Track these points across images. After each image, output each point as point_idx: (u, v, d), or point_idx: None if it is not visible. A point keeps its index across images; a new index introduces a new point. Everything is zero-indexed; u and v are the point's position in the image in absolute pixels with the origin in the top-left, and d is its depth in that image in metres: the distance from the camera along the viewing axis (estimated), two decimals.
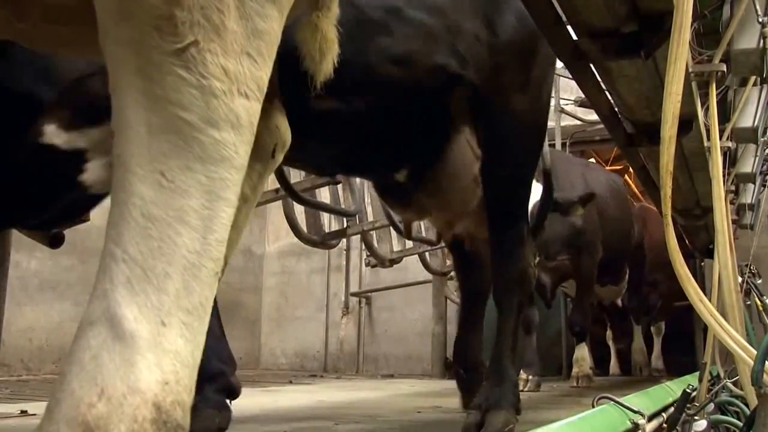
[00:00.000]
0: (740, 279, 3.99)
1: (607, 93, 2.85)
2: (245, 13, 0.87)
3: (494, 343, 2.83)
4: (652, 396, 3.48)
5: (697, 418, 2.76)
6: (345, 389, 5.60)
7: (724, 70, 2.52)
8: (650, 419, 2.75)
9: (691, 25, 1.85)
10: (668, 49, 1.64)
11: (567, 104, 7.45)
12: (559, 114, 7.33)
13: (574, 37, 2.29)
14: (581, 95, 4.60)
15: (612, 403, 2.59)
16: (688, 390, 2.92)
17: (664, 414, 3.08)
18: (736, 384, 3.26)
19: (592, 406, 2.60)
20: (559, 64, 2.87)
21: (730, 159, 3.81)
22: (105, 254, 0.83)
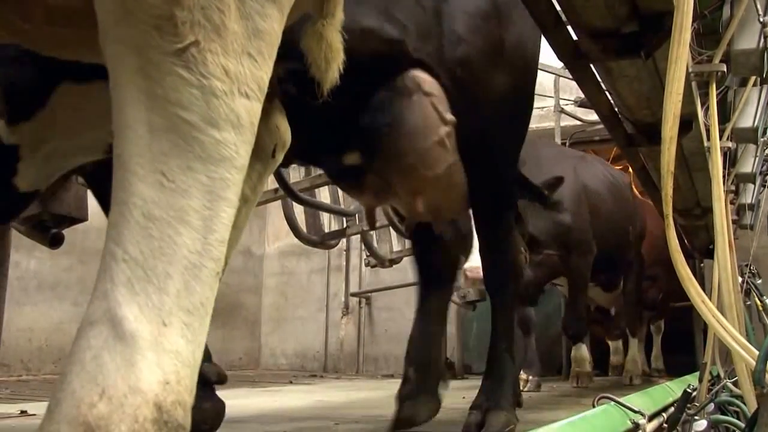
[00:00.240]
0: (740, 279, 4.00)
1: (607, 93, 2.84)
2: (246, 12, 0.87)
3: (491, 340, 2.79)
4: (653, 396, 3.49)
5: (697, 418, 2.76)
6: (345, 389, 5.60)
7: (724, 70, 2.52)
8: (651, 419, 2.76)
9: (691, 25, 1.85)
10: (668, 50, 1.64)
11: (567, 104, 7.44)
12: (558, 114, 7.33)
13: (575, 37, 2.29)
14: (581, 95, 4.58)
15: (612, 403, 2.60)
16: (689, 390, 2.92)
17: (664, 414, 3.08)
18: (736, 384, 3.25)
19: (593, 406, 2.60)
20: (559, 64, 2.86)
21: (730, 159, 3.81)
22: (105, 254, 0.83)
